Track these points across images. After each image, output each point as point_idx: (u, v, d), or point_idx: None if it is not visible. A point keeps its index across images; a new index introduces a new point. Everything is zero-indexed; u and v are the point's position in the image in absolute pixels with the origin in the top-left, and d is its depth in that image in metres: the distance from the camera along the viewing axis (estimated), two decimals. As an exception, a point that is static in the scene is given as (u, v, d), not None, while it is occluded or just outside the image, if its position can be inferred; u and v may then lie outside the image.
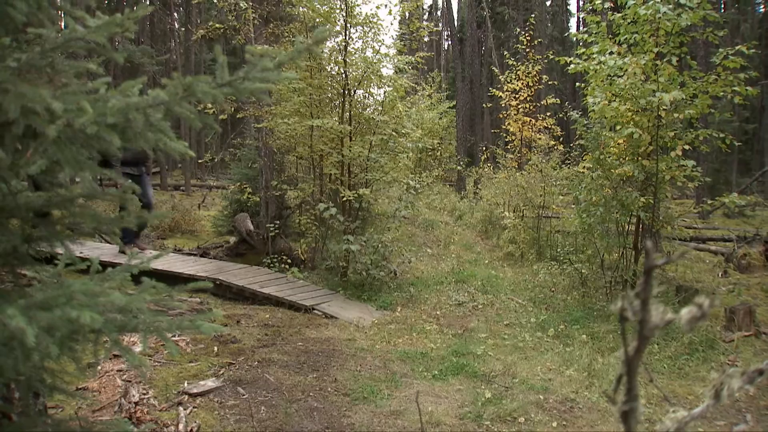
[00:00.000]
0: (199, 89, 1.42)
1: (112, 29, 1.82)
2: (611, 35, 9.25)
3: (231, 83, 1.40)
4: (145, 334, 1.81)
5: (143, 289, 1.96)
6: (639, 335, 0.63)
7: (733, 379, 0.70)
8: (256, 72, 1.35)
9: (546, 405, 5.59)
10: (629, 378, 0.65)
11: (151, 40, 32.19)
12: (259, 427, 4.82)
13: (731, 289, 10.26)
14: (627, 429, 0.64)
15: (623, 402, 0.65)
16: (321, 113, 10.37)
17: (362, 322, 7.99)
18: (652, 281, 0.61)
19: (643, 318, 0.62)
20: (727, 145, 9.14)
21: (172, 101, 1.46)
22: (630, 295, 0.64)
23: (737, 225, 18.56)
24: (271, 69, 1.34)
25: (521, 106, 18.27)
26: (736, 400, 5.79)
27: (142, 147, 7.48)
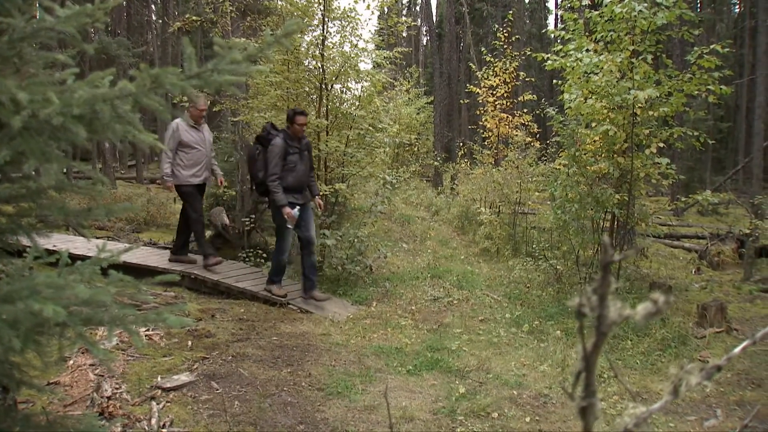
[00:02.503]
0: (167, 81, 1.40)
1: (82, 20, 1.79)
2: (588, 33, 9.30)
3: (200, 75, 1.38)
4: (111, 328, 1.79)
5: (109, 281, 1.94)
6: (597, 331, 0.62)
7: (691, 375, 0.70)
8: (224, 64, 1.33)
9: (520, 400, 5.62)
10: (587, 374, 0.65)
11: (127, 32, 31.93)
12: (233, 421, 4.80)
13: (704, 285, 10.36)
14: (585, 424, 0.64)
15: (581, 397, 0.65)
16: (298, 107, 10.32)
17: (337, 317, 7.98)
18: (610, 277, 0.61)
19: (601, 314, 0.61)
20: (702, 143, 9.23)
21: (140, 92, 1.44)
22: (588, 291, 0.64)
23: (711, 222, 18.74)
24: (240, 61, 1.33)
25: (498, 103, 18.33)
26: (707, 395, 5.85)
27: (303, 174, 7.74)
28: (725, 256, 12.63)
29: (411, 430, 4.90)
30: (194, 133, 8.99)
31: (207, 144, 9.18)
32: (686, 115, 11.22)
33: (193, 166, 8.98)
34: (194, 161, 8.98)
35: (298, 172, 8.23)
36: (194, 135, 8.98)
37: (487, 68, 18.73)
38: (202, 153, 9.04)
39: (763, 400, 5.63)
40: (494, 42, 20.22)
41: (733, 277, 11.29)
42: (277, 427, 4.81)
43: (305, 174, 8.39)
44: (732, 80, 21.10)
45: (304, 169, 8.33)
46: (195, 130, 9.01)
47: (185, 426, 4.66)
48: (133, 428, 4.50)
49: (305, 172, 8.37)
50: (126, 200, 16.14)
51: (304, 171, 8.35)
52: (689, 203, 12.39)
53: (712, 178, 30.68)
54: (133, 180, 27.45)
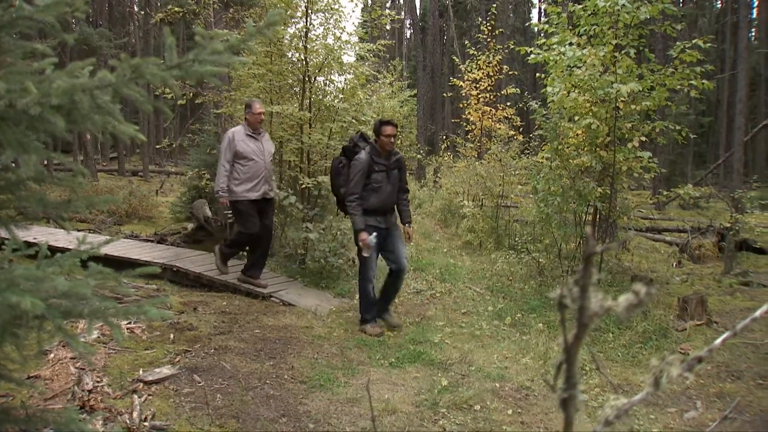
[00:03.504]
0: (147, 71, 1.39)
1: (61, 9, 1.77)
2: (571, 26, 9.31)
3: (180, 66, 1.37)
4: (90, 320, 1.78)
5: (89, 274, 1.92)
6: (578, 323, 0.62)
7: (672, 367, 0.70)
8: (206, 54, 1.32)
9: (502, 393, 5.64)
10: (569, 365, 0.65)
11: (109, 23, 31.65)
12: (215, 414, 4.79)
13: (685, 279, 10.43)
14: (566, 415, 0.64)
15: (563, 389, 0.65)
16: (281, 100, 10.29)
17: (320, 309, 7.98)
18: (592, 268, 0.61)
19: (582, 305, 0.61)
20: (683, 138, 9.27)
21: (120, 83, 1.43)
22: (569, 282, 0.63)
23: (692, 216, 18.86)
24: (221, 52, 1.32)
25: (482, 96, 18.34)
26: (687, 387, 5.90)
27: (389, 195, 7.14)
28: (706, 249, 12.72)
29: (394, 422, 4.91)
30: (252, 143, 8.28)
31: (266, 155, 8.43)
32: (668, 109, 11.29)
33: (250, 179, 8.24)
34: (251, 174, 8.24)
35: (383, 193, 7.29)
36: (252, 145, 8.28)
37: (470, 61, 18.74)
38: (260, 165, 8.29)
39: (742, 392, 5.67)
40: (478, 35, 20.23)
41: (713, 270, 11.37)
42: (260, 419, 4.80)
43: (392, 195, 7.45)
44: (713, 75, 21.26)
45: (391, 190, 7.38)
46: (253, 139, 8.31)
47: (167, 419, 4.65)
48: (114, 422, 4.47)
49: (392, 193, 7.43)
50: (107, 192, 16.06)
51: (391, 192, 7.41)
52: (671, 197, 12.45)
53: (693, 172, 30.91)
54: (114, 172, 27.32)
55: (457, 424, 4.97)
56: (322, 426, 4.80)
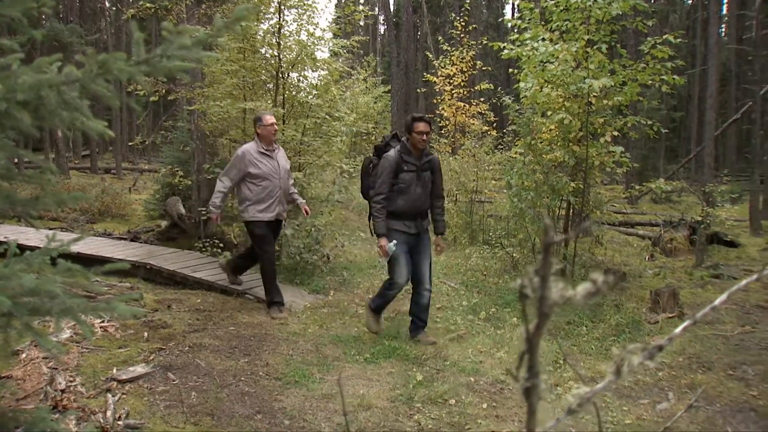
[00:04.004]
0: (115, 67, 1.38)
1: (27, 4, 1.76)
2: (544, 22, 9.36)
3: (148, 61, 1.36)
4: (59, 318, 1.77)
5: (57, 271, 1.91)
6: (539, 312, 0.63)
7: (633, 356, 0.72)
8: (174, 50, 1.32)
9: (476, 387, 5.66)
10: (530, 355, 0.66)
11: (80, 19, 31.32)
12: (190, 412, 4.78)
13: (657, 272, 10.53)
14: (529, 404, 0.65)
15: (525, 379, 0.65)
16: (254, 96, 10.25)
17: (294, 306, 7.97)
18: (551, 258, 0.62)
19: (543, 295, 0.62)
20: (655, 132, 9.36)
21: (87, 78, 1.42)
22: (529, 272, 0.64)
23: (664, 210, 19.05)
24: (189, 47, 1.31)
25: (455, 92, 18.39)
26: (659, 379, 5.96)
27: (419, 198, 6.64)
28: (678, 242, 12.85)
29: (369, 417, 4.92)
30: (266, 162, 7.62)
31: (282, 172, 7.76)
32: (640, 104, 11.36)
33: (263, 200, 7.61)
34: (265, 194, 7.59)
35: (412, 195, 6.72)
36: (265, 163, 7.61)
37: (444, 57, 18.78)
38: (275, 184, 7.65)
39: (713, 383, 5.74)
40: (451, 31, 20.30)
41: (685, 264, 11.49)
42: (235, 416, 4.79)
43: (423, 198, 6.84)
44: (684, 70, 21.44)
45: (421, 193, 6.78)
46: (267, 157, 7.65)
47: (141, 418, 4.63)
48: (87, 421, 4.44)
49: (422, 196, 6.82)
50: (79, 190, 15.93)
51: (421, 195, 6.80)
52: (643, 191, 12.61)
53: (665, 166, 31.19)
54: (87, 170, 27.09)
55: (432, 418, 4.99)
56: (298, 422, 4.80)
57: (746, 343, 6.81)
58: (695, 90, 34.65)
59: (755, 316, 7.88)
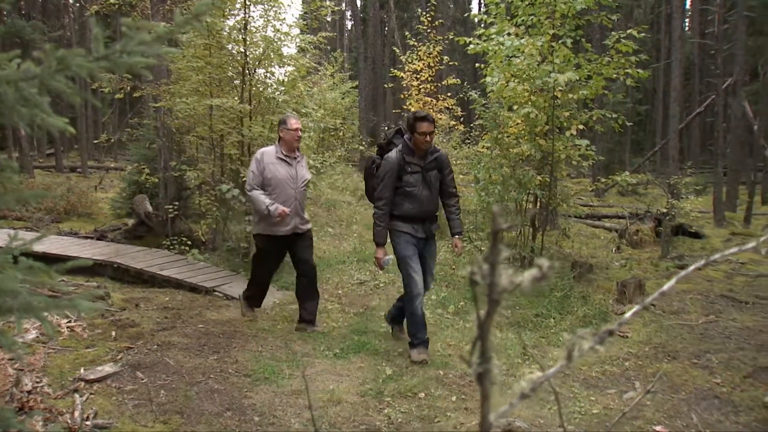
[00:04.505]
0: (74, 63, 1.37)
1: (-14, 1, 1.74)
2: (510, 17, 9.42)
3: (108, 57, 1.36)
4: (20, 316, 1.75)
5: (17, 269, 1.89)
6: (489, 299, 0.65)
7: (583, 341, 0.73)
8: (133, 45, 1.31)
9: (446, 380, 5.70)
10: (482, 341, 0.67)
11: (42, 15, 30.90)
12: (159, 410, 4.76)
13: (624, 263, 10.65)
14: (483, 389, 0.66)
15: (478, 364, 0.67)
16: (221, 92, 10.21)
17: (263, 302, 7.94)
18: (500, 245, 0.63)
19: (492, 282, 0.64)
20: (620, 126, 9.47)
21: (46, 75, 1.41)
22: (479, 260, 0.66)
23: (630, 203, 19.26)
24: (149, 42, 1.31)
25: (422, 87, 18.37)
26: (626, 369, 6.04)
27: (427, 201, 6.20)
28: (643, 234, 13.00)
29: (339, 412, 4.93)
30: (283, 168, 6.84)
31: (299, 182, 6.96)
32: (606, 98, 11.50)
33: None
34: (279, 204, 6.74)
35: (418, 199, 6.24)
36: (283, 170, 6.84)
37: (411, 52, 18.76)
38: (290, 194, 6.82)
39: (678, 371, 5.83)
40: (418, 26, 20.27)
41: (651, 255, 11.64)
42: (204, 414, 4.78)
43: (431, 201, 6.39)
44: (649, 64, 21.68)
45: (428, 195, 6.32)
46: (285, 163, 6.86)
47: (110, 417, 4.60)
48: (54, 422, 4.41)
49: (431, 198, 6.37)
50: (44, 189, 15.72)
51: (429, 197, 6.34)
52: (609, 184, 12.69)
53: (631, 159, 31.53)
54: (52, 169, 26.72)
55: (402, 412, 5.01)
56: (267, 418, 4.80)
57: (710, 332, 6.92)
58: (660, 84, 35.01)
59: (719, 306, 8.01)
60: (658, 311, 7.74)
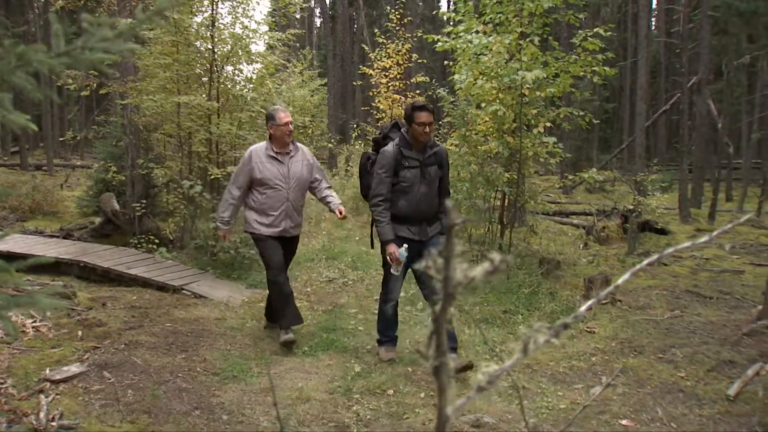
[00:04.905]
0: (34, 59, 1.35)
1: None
2: (478, 15, 9.47)
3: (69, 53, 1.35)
4: (-20, 315, 1.73)
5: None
6: (444, 293, 0.65)
7: (539, 334, 0.75)
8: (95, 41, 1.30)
9: (414, 377, 5.71)
10: (438, 335, 0.68)
11: (6, 11, 30.48)
12: (126, 410, 4.73)
13: (591, 260, 10.76)
14: (439, 382, 0.67)
15: (434, 358, 0.68)
16: (189, 90, 10.14)
17: (232, 301, 7.91)
18: (454, 240, 0.64)
19: (447, 276, 0.64)
20: (588, 123, 9.56)
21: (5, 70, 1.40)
22: (433, 254, 0.66)
23: (598, 199, 19.45)
24: (111, 39, 1.30)
25: (391, 84, 18.41)
26: (593, 364, 6.10)
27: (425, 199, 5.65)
28: (610, 231, 13.13)
29: (308, 410, 4.93)
30: (274, 166, 6.39)
31: (292, 181, 6.47)
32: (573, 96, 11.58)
33: (265, 212, 6.41)
34: (268, 205, 6.39)
35: (415, 196, 5.80)
36: (273, 168, 6.38)
37: (380, 50, 18.78)
38: (281, 195, 6.39)
39: (644, 366, 5.91)
40: (387, 24, 20.30)
41: (617, 251, 11.76)
42: (172, 413, 4.76)
43: (429, 199, 5.91)
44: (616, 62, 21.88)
45: (426, 192, 5.86)
46: (276, 161, 6.40)
47: (76, 418, 4.56)
48: (19, 423, 4.36)
49: (429, 195, 5.89)
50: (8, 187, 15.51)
51: (427, 194, 5.87)
52: (577, 181, 12.84)
53: (599, 156, 31.85)
54: (17, 167, 26.36)
55: (371, 409, 5.02)
56: (236, 417, 4.79)
57: (675, 327, 7.02)
58: (627, 82, 35.34)
59: (684, 301, 8.13)
60: (625, 307, 7.84)
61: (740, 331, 6.64)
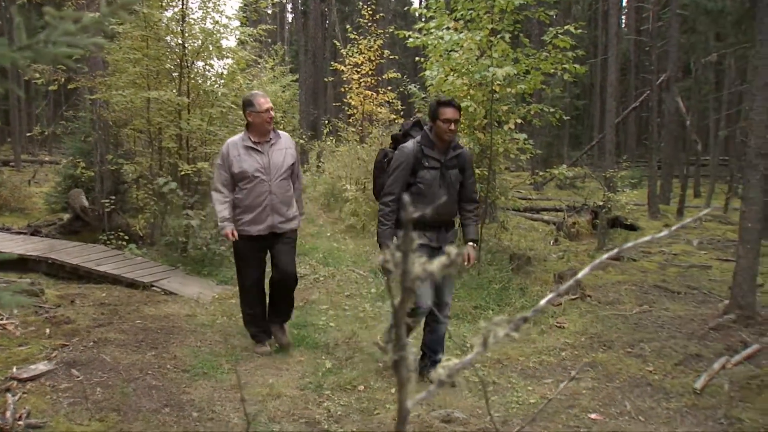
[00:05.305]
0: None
1: None
2: (449, 11, 9.49)
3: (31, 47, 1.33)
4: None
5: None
6: (402, 287, 0.66)
7: (499, 328, 0.75)
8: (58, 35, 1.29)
9: (385, 373, 5.72)
10: (397, 328, 0.68)
11: (-28, 5, 30.03)
12: (95, 408, 4.69)
13: (561, 255, 10.84)
14: (399, 377, 0.67)
15: (393, 351, 0.68)
16: (159, 85, 10.06)
17: (203, 297, 7.87)
18: (412, 234, 0.65)
19: (405, 270, 0.65)
20: (558, 120, 9.62)
21: (-34, 65, 1.37)
22: (391, 248, 0.67)
23: (568, 196, 19.58)
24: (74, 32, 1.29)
25: (363, 80, 18.42)
26: (563, 359, 6.15)
27: (445, 202, 5.23)
28: (580, 227, 13.24)
29: (278, 406, 4.92)
30: (251, 158, 5.88)
31: (273, 170, 5.93)
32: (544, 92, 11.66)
33: (248, 208, 5.90)
34: (250, 200, 5.88)
35: (433, 198, 5.32)
36: (251, 160, 5.88)
37: (352, 46, 18.78)
38: (263, 187, 5.87)
39: (613, 361, 5.96)
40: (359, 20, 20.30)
41: (588, 247, 11.86)
42: (142, 411, 4.73)
43: (449, 203, 5.49)
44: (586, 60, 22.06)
45: (445, 196, 5.40)
46: (254, 151, 5.90)
47: (44, 417, 4.51)
48: (-15, 422, 4.31)
49: (450, 200, 5.47)
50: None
51: (447, 200, 5.43)
52: (547, 177, 12.91)
53: (569, 153, 32.08)
54: (-18, 163, 26.05)
55: (342, 405, 5.03)
56: (206, 414, 4.77)
57: (644, 322, 7.09)
58: (597, 79, 35.62)
59: (652, 296, 8.21)
60: (594, 302, 7.91)
61: (707, 325, 6.73)
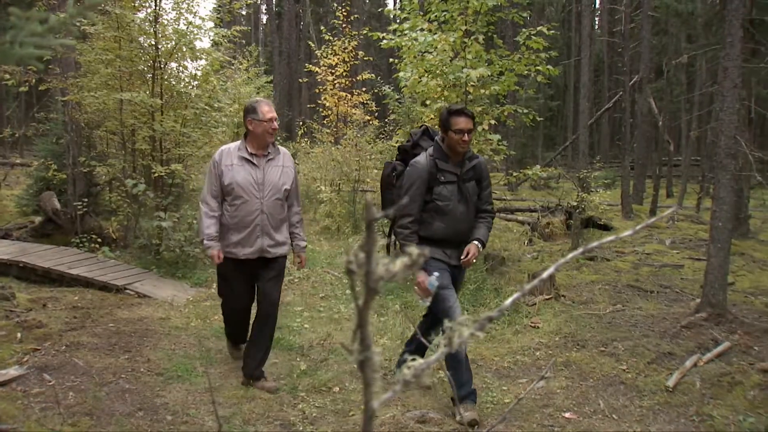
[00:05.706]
0: (-40, 53, 1.32)
1: None
2: (423, 13, 9.50)
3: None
4: None
5: None
6: (366, 287, 0.66)
7: (463, 327, 0.76)
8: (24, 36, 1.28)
9: (359, 374, 5.69)
10: (362, 329, 0.69)
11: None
12: (67, 413, 4.64)
13: (535, 256, 10.90)
14: (365, 377, 0.68)
15: (359, 352, 0.68)
16: (132, 86, 10.00)
17: (177, 300, 7.83)
18: (375, 234, 0.65)
19: (368, 270, 0.65)
20: (532, 121, 9.67)
21: (-69, 66, 1.36)
22: (355, 248, 0.67)
23: (543, 196, 19.67)
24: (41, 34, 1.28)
25: (338, 82, 18.45)
26: (537, 358, 6.19)
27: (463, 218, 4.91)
28: (555, 227, 13.32)
29: (253, 409, 4.90)
30: (245, 171, 5.24)
31: (267, 188, 5.28)
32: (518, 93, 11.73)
33: (237, 227, 5.26)
34: (239, 219, 5.23)
35: (453, 216, 4.96)
36: (245, 173, 5.23)
37: (326, 47, 18.78)
38: (254, 206, 5.23)
39: (586, 360, 6.01)
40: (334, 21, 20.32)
41: (562, 247, 11.93)
42: (115, 415, 4.69)
43: (467, 219, 5.07)
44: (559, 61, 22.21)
45: (464, 211, 5.02)
46: (249, 164, 5.25)
47: (14, 422, 4.46)
48: (-45, 428, 4.26)
49: (467, 215, 5.06)
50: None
51: (465, 214, 5.03)
52: (522, 178, 12.97)
53: (543, 154, 32.30)
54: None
55: (317, 406, 5.02)
56: (180, 417, 4.74)
57: (617, 321, 7.15)
58: (571, 80, 35.92)
59: (625, 295, 8.28)
60: (568, 302, 7.96)
61: (679, 323, 6.80)
